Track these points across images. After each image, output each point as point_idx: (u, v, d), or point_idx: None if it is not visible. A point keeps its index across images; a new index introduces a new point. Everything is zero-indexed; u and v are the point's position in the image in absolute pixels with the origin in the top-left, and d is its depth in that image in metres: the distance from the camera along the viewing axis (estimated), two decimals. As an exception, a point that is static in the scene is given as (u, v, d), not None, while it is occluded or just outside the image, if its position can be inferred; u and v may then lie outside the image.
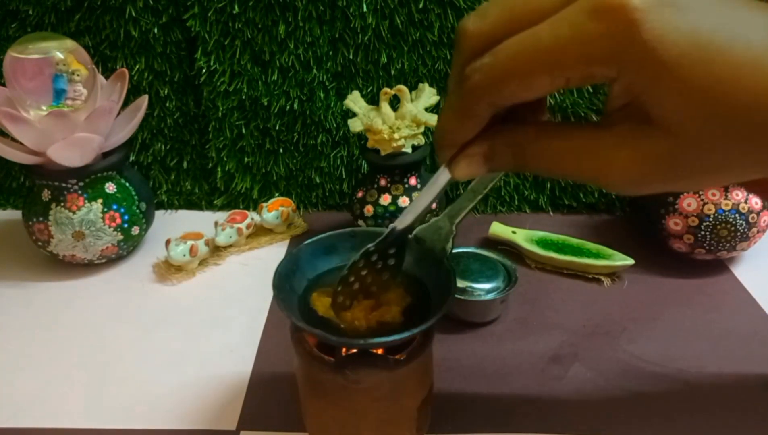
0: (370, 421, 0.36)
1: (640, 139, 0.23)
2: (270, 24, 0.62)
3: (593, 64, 0.22)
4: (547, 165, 0.26)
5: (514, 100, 0.25)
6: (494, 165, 0.27)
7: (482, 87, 0.24)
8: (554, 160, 0.26)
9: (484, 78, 0.24)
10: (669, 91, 0.22)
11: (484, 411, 0.42)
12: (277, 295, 0.35)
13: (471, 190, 0.37)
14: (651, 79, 0.22)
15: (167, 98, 0.65)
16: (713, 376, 0.45)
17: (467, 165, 0.28)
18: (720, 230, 0.53)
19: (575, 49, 0.22)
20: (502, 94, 0.24)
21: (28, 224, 0.56)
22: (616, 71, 0.22)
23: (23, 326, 0.52)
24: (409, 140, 0.56)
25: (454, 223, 0.38)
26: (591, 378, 0.45)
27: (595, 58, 0.22)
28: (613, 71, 0.22)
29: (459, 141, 0.27)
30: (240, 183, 0.69)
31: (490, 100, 0.25)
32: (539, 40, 0.23)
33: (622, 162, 0.24)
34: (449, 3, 0.61)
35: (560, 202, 0.69)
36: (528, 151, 0.26)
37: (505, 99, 0.25)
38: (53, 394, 0.44)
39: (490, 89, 0.24)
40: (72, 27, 0.63)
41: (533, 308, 0.53)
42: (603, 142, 0.24)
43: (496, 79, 0.24)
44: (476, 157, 0.27)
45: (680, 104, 0.22)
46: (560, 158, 0.25)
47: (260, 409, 0.43)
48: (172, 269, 0.58)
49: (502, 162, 0.27)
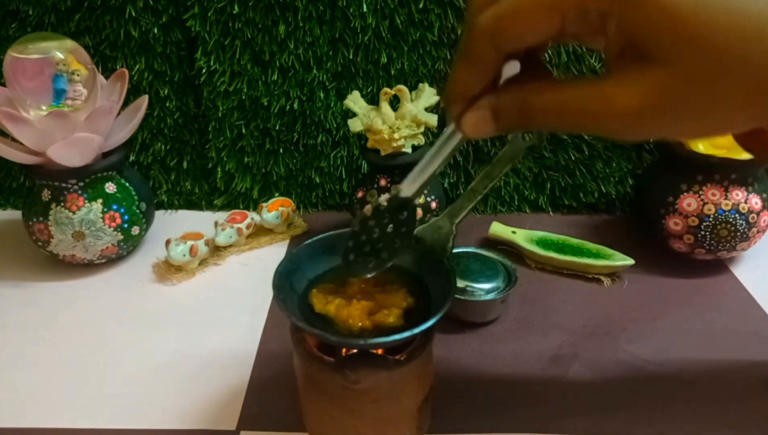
0: (370, 421, 0.36)
1: (638, 76, 0.24)
2: (270, 24, 0.62)
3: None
4: (551, 114, 0.27)
5: (517, 42, 0.26)
6: (501, 122, 0.28)
7: (487, 29, 0.26)
8: (559, 109, 0.26)
9: (489, 20, 0.26)
10: (657, 18, 0.23)
11: (484, 411, 0.42)
12: (277, 295, 0.35)
13: (471, 190, 0.37)
14: (642, 10, 0.23)
15: (167, 98, 0.65)
16: (713, 376, 0.45)
17: (475, 120, 0.29)
18: (720, 230, 0.53)
19: None
20: (506, 34, 0.26)
21: (28, 224, 0.56)
22: (609, 4, 0.24)
23: (23, 326, 0.52)
24: (409, 140, 0.56)
25: (454, 222, 0.38)
26: (591, 378, 0.45)
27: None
28: (605, 4, 0.24)
29: (468, 92, 0.28)
30: (240, 183, 0.69)
31: (495, 41, 0.26)
32: None
33: (622, 98, 0.25)
34: (449, 3, 0.61)
35: (560, 202, 0.69)
36: (533, 103, 0.27)
37: (509, 40, 0.26)
38: (53, 394, 0.44)
39: (494, 31, 0.26)
40: (72, 27, 0.63)
41: (533, 308, 0.53)
42: (604, 85, 0.25)
43: (500, 21, 0.25)
44: (484, 112, 0.28)
45: (671, 34, 0.23)
46: (563, 106, 0.26)
47: (260, 409, 0.43)
48: (172, 269, 0.58)
49: (508, 117, 0.28)
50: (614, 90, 0.25)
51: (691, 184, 0.54)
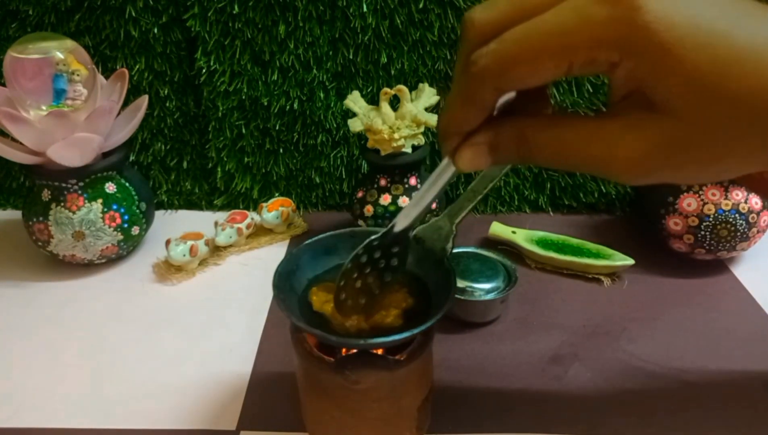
0: (370, 421, 0.36)
1: (644, 124, 0.24)
2: (270, 24, 0.62)
3: (597, 48, 0.23)
4: (551, 154, 0.26)
5: (519, 85, 0.25)
6: (499, 156, 0.27)
7: (488, 71, 0.24)
8: (559, 149, 0.26)
9: (491, 62, 0.24)
10: (671, 72, 0.22)
11: (484, 411, 0.42)
12: (277, 294, 0.35)
13: (471, 190, 0.37)
14: (653, 61, 0.22)
15: (167, 98, 0.65)
16: (713, 376, 0.45)
17: (472, 155, 0.28)
18: (720, 230, 0.53)
19: (580, 33, 0.23)
20: (507, 78, 0.24)
21: (28, 224, 0.56)
22: (619, 55, 0.23)
23: (23, 326, 0.52)
24: (409, 140, 0.56)
25: (454, 223, 0.38)
26: (591, 378, 0.45)
27: (598, 41, 0.22)
28: (615, 55, 0.23)
29: (463, 129, 0.27)
30: (240, 183, 0.69)
31: (495, 84, 0.25)
32: (545, 25, 0.23)
33: (627, 146, 0.24)
34: (449, 3, 0.61)
35: (560, 202, 0.69)
36: (532, 140, 0.26)
37: (510, 83, 0.25)
38: (53, 394, 0.44)
39: (496, 73, 0.24)
40: (72, 27, 0.63)
41: (533, 308, 0.53)
42: (608, 129, 0.24)
43: (503, 63, 0.24)
44: (481, 147, 0.27)
45: (682, 86, 0.22)
46: (565, 146, 0.25)
47: (260, 409, 0.42)
48: (172, 269, 0.58)
49: (506, 153, 0.27)
50: (619, 137, 0.24)
51: (691, 184, 0.54)
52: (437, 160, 0.67)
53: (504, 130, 0.27)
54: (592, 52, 0.23)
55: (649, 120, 0.24)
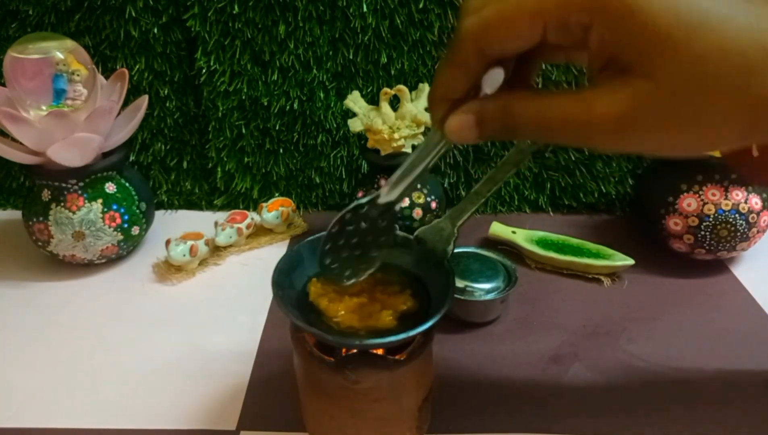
0: (370, 421, 0.36)
1: (619, 87, 0.25)
2: (270, 24, 0.62)
3: (568, 8, 0.24)
4: (534, 123, 0.27)
5: (499, 47, 0.27)
6: (485, 127, 0.28)
7: (470, 32, 0.26)
8: (540, 117, 0.27)
9: (473, 24, 0.26)
10: (638, 33, 0.23)
11: (484, 411, 0.42)
12: (276, 292, 0.35)
13: (474, 193, 0.37)
14: (621, 22, 0.24)
15: (167, 98, 0.65)
16: (713, 376, 0.45)
17: (459, 124, 0.29)
18: (720, 230, 0.53)
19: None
20: (489, 39, 0.26)
21: (28, 224, 0.56)
22: (589, 16, 0.24)
23: (23, 326, 0.52)
24: (409, 140, 0.56)
25: (456, 225, 0.38)
26: (591, 378, 0.45)
27: (569, 1, 0.24)
28: (585, 16, 0.24)
29: (449, 94, 0.29)
30: (240, 183, 0.69)
31: (477, 45, 0.27)
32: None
33: (603, 107, 0.25)
34: (449, 3, 0.61)
35: (560, 202, 0.69)
36: (517, 110, 0.27)
37: (491, 44, 0.27)
38: (53, 394, 0.44)
39: (477, 35, 0.26)
40: (72, 27, 0.63)
41: (533, 308, 0.53)
42: (586, 94, 0.26)
43: (483, 25, 0.26)
44: (468, 116, 0.29)
45: (650, 44, 0.23)
46: (546, 114, 0.27)
47: (260, 409, 0.42)
48: (172, 269, 0.58)
49: (492, 123, 0.28)
50: (596, 98, 0.25)
51: (691, 184, 0.54)
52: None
53: (490, 101, 0.28)
54: (563, 13, 0.24)
55: (623, 82, 0.25)
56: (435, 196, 0.58)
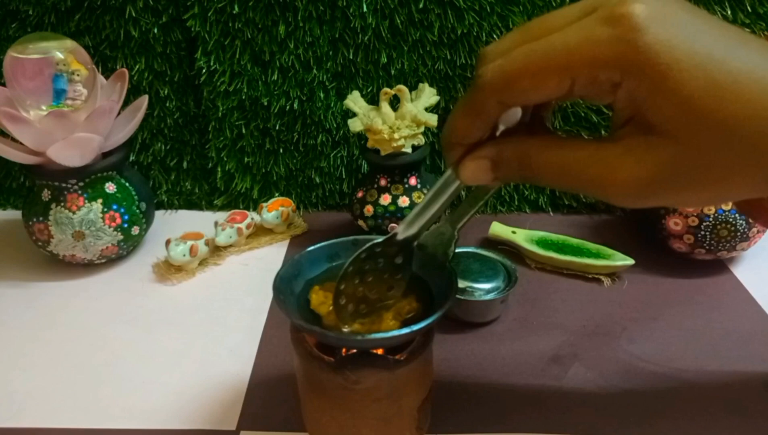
0: (370, 421, 0.36)
1: (644, 147, 0.24)
2: (270, 24, 0.62)
3: (599, 66, 0.23)
4: (552, 174, 0.27)
5: (522, 99, 0.26)
6: (500, 172, 0.28)
7: (494, 83, 0.25)
8: (559, 169, 0.26)
9: (496, 75, 0.25)
10: (668, 94, 0.23)
11: (484, 411, 0.42)
12: (277, 295, 0.35)
13: (473, 196, 0.38)
14: (652, 82, 0.23)
15: (167, 98, 0.66)
16: (713, 376, 0.45)
17: (474, 168, 0.28)
18: (720, 230, 0.53)
19: (582, 51, 0.23)
20: (511, 91, 0.25)
21: (28, 224, 0.56)
22: (620, 74, 0.23)
23: (23, 326, 0.52)
24: (409, 140, 0.56)
25: (457, 228, 0.38)
26: (591, 378, 0.45)
27: (601, 59, 0.23)
28: (616, 74, 0.23)
29: (466, 140, 0.28)
30: (240, 183, 0.69)
31: (499, 97, 0.26)
32: (550, 42, 0.24)
33: (626, 169, 0.24)
34: (449, 3, 0.61)
35: (560, 202, 0.69)
36: (535, 159, 0.27)
37: (514, 97, 0.26)
38: (53, 394, 0.44)
39: (500, 86, 0.25)
40: (72, 27, 0.63)
41: (533, 308, 0.53)
42: (608, 152, 0.25)
43: (507, 76, 0.25)
44: (484, 162, 0.28)
45: (678, 108, 0.23)
46: (566, 167, 0.26)
47: (260, 409, 0.42)
48: (172, 269, 0.58)
49: (508, 170, 0.28)
50: (620, 159, 0.25)
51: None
52: (437, 160, 0.67)
53: (507, 147, 0.28)
54: (594, 70, 0.24)
55: (648, 143, 0.24)
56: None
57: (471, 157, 0.28)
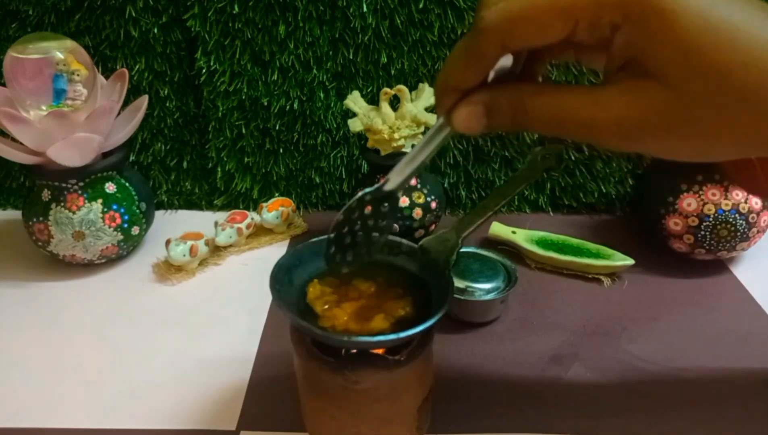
0: (370, 421, 0.36)
1: (638, 90, 0.24)
2: (270, 24, 0.62)
3: (602, 7, 0.23)
4: (546, 118, 0.26)
5: (525, 43, 0.25)
6: (494, 119, 0.28)
7: (495, 26, 0.25)
8: (554, 113, 0.26)
9: (499, 17, 0.25)
10: (666, 38, 0.23)
11: (484, 411, 0.42)
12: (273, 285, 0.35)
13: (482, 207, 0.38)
14: (652, 26, 0.23)
15: (167, 98, 0.65)
16: (713, 376, 0.45)
17: (467, 114, 0.28)
18: (720, 230, 0.53)
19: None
20: (514, 34, 0.25)
21: (28, 224, 0.56)
22: (621, 16, 0.23)
23: (23, 326, 0.52)
24: (409, 140, 0.56)
25: (461, 236, 0.38)
26: (591, 378, 0.45)
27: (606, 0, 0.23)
28: (618, 16, 0.24)
29: (462, 85, 0.28)
30: (240, 183, 0.69)
31: (502, 40, 0.25)
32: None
33: (618, 109, 0.25)
34: (449, 3, 0.61)
35: (560, 202, 0.69)
36: (530, 104, 0.27)
37: (516, 40, 0.25)
38: (53, 394, 0.44)
39: (503, 29, 0.25)
40: (72, 27, 0.63)
41: (533, 308, 0.53)
42: (602, 93, 0.25)
43: (511, 19, 0.25)
44: (477, 107, 0.28)
45: (676, 53, 0.23)
46: (560, 110, 0.26)
47: (260, 409, 0.42)
48: (172, 269, 0.58)
49: (502, 115, 0.27)
50: (614, 100, 0.25)
51: (691, 184, 0.54)
52: (437, 159, 0.67)
53: (502, 92, 0.27)
54: (598, 10, 0.24)
55: (643, 86, 0.24)
56: (435, 196, 0.58)
57: (465, 102, 0.28)
